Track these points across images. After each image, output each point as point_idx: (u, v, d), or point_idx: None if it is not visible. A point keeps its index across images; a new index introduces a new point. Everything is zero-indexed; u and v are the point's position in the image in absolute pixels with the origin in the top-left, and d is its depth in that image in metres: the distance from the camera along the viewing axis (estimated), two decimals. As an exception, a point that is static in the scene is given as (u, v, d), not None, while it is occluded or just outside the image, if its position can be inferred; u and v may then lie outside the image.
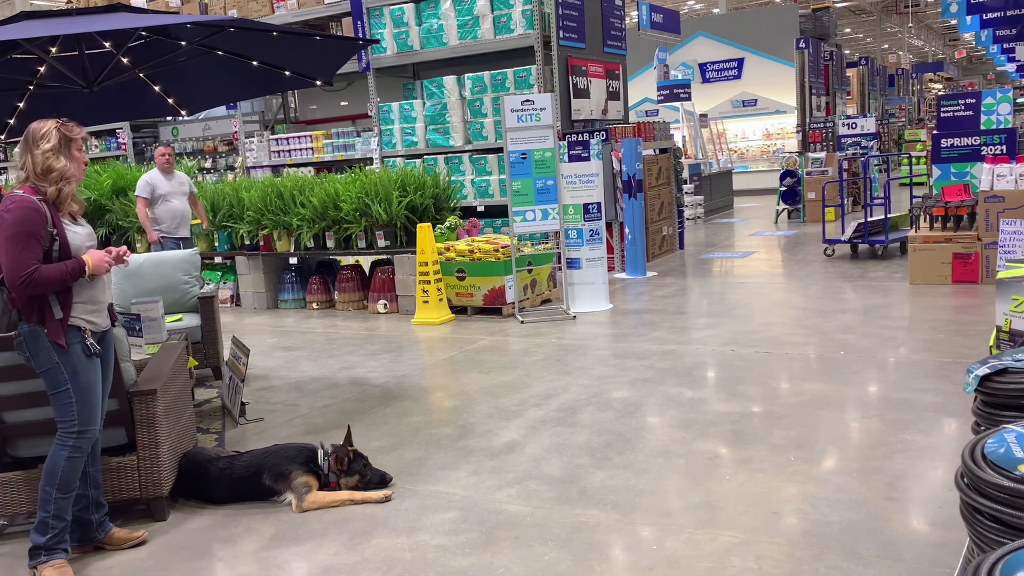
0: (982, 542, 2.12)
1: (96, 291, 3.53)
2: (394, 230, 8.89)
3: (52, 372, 3.40)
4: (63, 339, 3.37)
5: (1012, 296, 3.45)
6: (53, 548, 3.46)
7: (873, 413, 4.79)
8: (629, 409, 5.14)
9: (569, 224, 8.40)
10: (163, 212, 8.54)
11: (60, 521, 3.47)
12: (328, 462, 4.14)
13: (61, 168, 3.40)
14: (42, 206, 3.33)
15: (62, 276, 3.34)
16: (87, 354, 3.45)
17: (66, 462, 3.44)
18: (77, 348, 3.42)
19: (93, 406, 3.50)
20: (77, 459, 3.47)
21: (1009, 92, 10.60)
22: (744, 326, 7.16)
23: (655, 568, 3.23)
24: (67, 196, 3.44)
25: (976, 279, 8.17)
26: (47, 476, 3.45)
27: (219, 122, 14.19)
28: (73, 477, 3.48)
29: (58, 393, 3.43)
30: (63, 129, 3.45)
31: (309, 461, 4.13)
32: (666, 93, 16.96)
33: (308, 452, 4.18)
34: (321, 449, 4.21)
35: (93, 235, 3.60)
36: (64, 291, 3.39)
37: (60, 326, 3.37)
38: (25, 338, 3.38)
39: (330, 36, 7.75)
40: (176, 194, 8.61)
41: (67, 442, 3.45)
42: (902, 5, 33.45)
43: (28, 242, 3.26)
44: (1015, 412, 2.52)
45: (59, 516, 3.46)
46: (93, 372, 3.50)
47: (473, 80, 10.76)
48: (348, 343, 7.68)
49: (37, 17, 4.83)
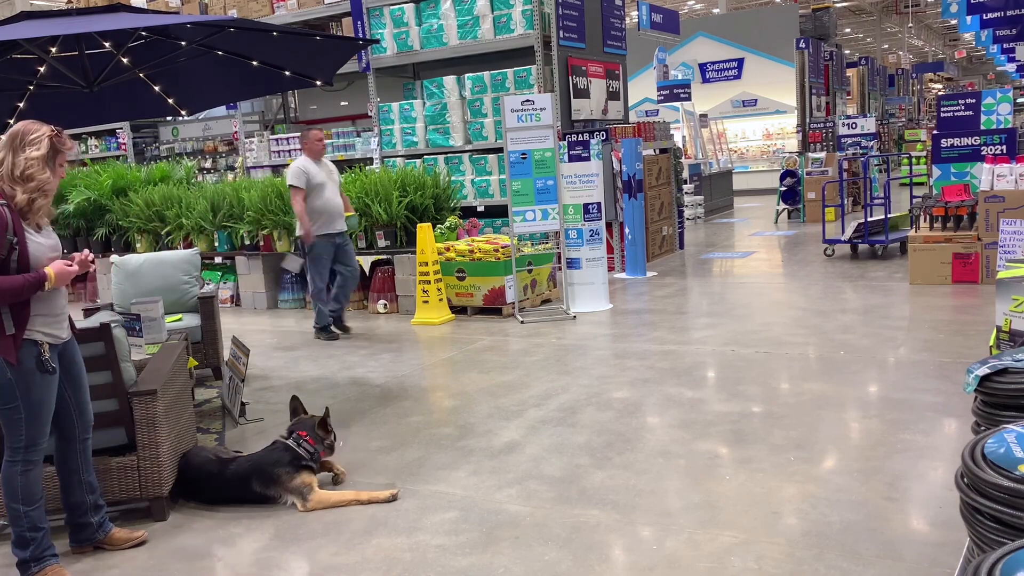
0: (982, 542, 2.12)
1: (56, 302, 3.35)
2: (394, 230, 8.89)
3: (2, 389, 3.22)
4: (14, 356, 3.19)
5: (1012, 296, 3.45)
6: (41, 558, 3.39)
7: (873, 413, 4.79)
8: (629, 409, 5.14)
9: (569, 224, 8.40)
10: (320, 205, 7.45)
11: (37, 531, 3.38)
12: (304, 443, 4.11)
13: (43, 180, 3.23)
14: (4, 212, 3.13)
15: (20, 289, 3.14)
16: (42, 370, 3.27)
17: (22, 476, 3.32)
18: (31, 364, 3.24)
19: (43, 423, 3.35)
20: (31, 471, 3.35)
21: (1009, 92, 10.59)
22: (744, 326, 7.16)
23: (655, 568, 3.23)
24: (39, 208, 3.26)
25: (976, 279, 8.17)
26: (8, 495, 3.33)
27: (219, 122, 14.19)
28: (35, 487, 3.37)
29: (6, 409, 3.25)
30: (56, 140, 3.28)
31: (295, 459, 4.10)
32: (666, 93, 16.97)
33: (291, 454, 4.11)
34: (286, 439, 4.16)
35: (58, 247, 3.39)
36: (19, 305, 3.19)
37: (12, 342, 3.18)
38: None
39: (330, 36, 7.75)
40: (330, 183, 7.58)
41: (16, 457, 3.31)
42: (902, 5, 33.44)
43: None
44: (1015, 412, 2.52)
45: (35, 527, 3.37)
46: (47, 389, 3.32)
47: (473, 80, 10.76)
48: (348, 343, 7.68)
49: (37, 17, 4.83)
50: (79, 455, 3.61)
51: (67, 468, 3.61)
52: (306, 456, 4.10)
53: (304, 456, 4.10)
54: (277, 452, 4.12)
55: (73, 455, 3.59)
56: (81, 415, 3.59)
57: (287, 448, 4.12)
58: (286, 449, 4.12)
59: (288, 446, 4.13)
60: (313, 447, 4.14)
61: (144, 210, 10.23)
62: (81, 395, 3.57)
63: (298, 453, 4.10)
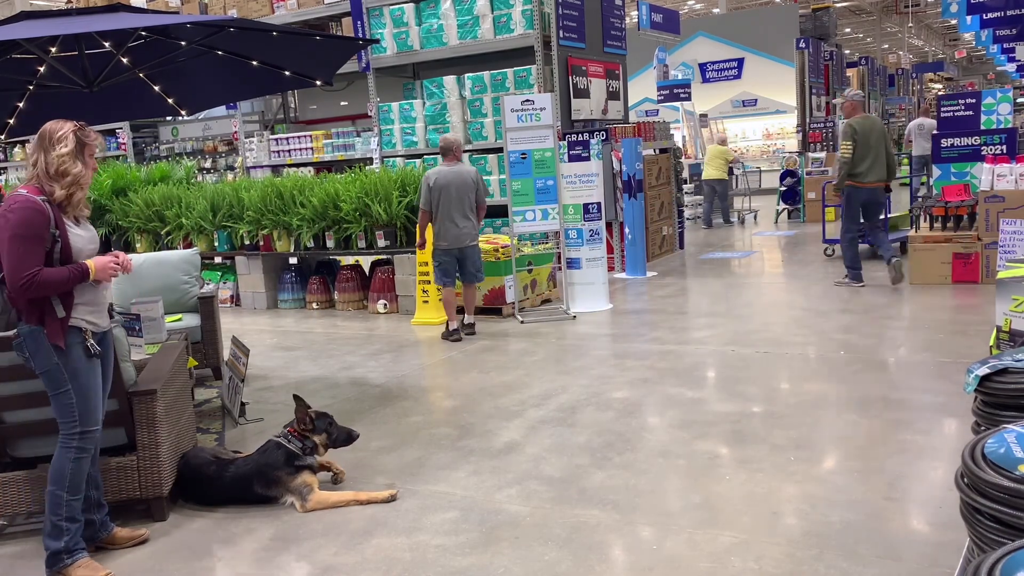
0: (982, 542, 2.12)
1: (99, 292, 3.50)
2: (394, 230, 8.88)
3: (52, 373, 3.36)
4: (63, 340, 3.33)
5: (1012, 296, 3.45)
6: (73, 550, 3.44)
7: (873, 413, 4.79)
8: (629, 409, 5.14)
9: (569, 224, 8.39)
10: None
11: (74, 523, 3.45)
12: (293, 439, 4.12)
13: (76, 173, 3.36)
14: (46, 207, 3.28)
15: (65, 281, 3.30)
16: (87, 355, 3.41)
17: (73, 463, 3.42)
18: (78, 349, 3.38)
19: (94, 407, 3.47)
20: (83, 460, 3.45)
21: (1009, 92, 10.60)
22: (744, 326, 7.16)
23: (655, 568, 3.23)
24: (78, 201, 3.41)
25: (976, 279, 8.16)
26: (56, 480, 3.42)
27: (219, 122, 14.18)
28: (81, 478, 3.46)
29: (58, 394, 3.39)
30: (80, 134, 3.41)
31: (291, 458, 4.09)
32: (666, 93, 16.97)
33: (285, 452, 4.11)
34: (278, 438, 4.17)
35: (96, 239, 3.55)
36: (64, 293, 3.35)
37: (60, 327, 3.33)
38: (24, 338, 3.34)
39: (330, 36, 7.76)
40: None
41: (71, 443, 3.42)
42: (902, 5, 33.43)
43: (31, 244, 3.22)
44: (1015, 412, 2.52)
45: (72, 518, 3.45)
46: (93, 373, 3.46)
47: (473, 80, 10.76)
48: (348, 343, 7.68)
49: (37, 17, 4.83)
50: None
51: None
52: (298, 451, 4.10)
53: (296, 452, 4.09)
54: (274, 452, 4.12)
55: None
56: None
57: (279, 446, 4.12)
58: (279, 447, 4.12)
59: (280, 444, 4.13)
60: (302, 440, 4.14)
61: (144, 210, 10.23)
62: (106, 386, 3.63)
63: (290, 450, 4.09)
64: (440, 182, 7.20)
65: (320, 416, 4.27)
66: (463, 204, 7.25)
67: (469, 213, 7.31)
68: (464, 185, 7.25)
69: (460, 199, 7.23)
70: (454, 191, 7.20)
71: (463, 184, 7.25)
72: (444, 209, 7.23)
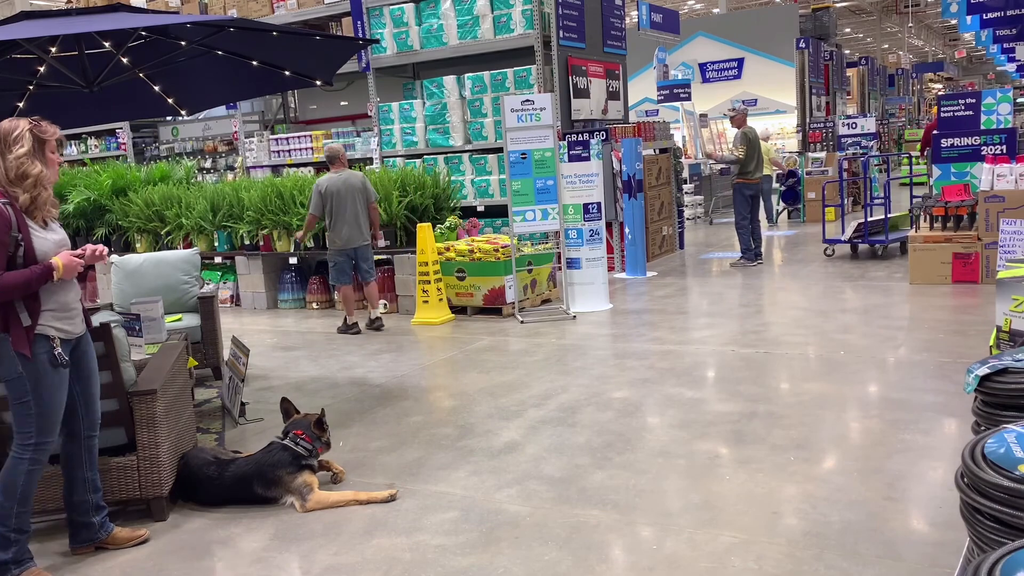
0: (982, 542, 2.12)
1: (67, 296, 3.36)
2: (394, 230, 8.89)
3: (15, 383, 3.24)
4: (28, 349, 3.20)
5: (1012, 296, 3.45)
6: (22, 560, 3.37)
7: (873, 413, 4.79)
8: (629, 409, 5.14)
9: (569, 224, 8.39)
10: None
11: (22, 534, 3.36)
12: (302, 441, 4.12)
13: (37, 174, 3.22)
14: (6, 210, 3.15)
15: (26, 282, 3.15)
16: (53, 364, 3.28)
17: (26, 475, 3.31)
18: (43, 358, 3.25)
19: (54, 419, 3.35)
20: (35, 471, 3.35)
21: (1009, 92, 10.58)
22: (744, 326, 7.16)
23: (655, 568, 3.23)
24: (44, 201, 3.27)
25: (976, 279, 8.16)
26: (5, 491, 3.30)
27: (219, 122, 14.18)
28: (32, 489, 3.36)
29: (19, 404, 3.27)
30: (36, 130, 3.25)
31: (297, 459, 4.10)
32: (666, 93, 16.96)
33: (290, 454, 4.11)
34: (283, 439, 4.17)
35: (66, 241, 3.41)
36: (31, 297, 3.21)
37: (26, 335, 3.20)
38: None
39: (330, 36, 7.76)
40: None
41: (24, 454, 3.30)
42: (902, 5, 33.45)
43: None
44: (1015, 412, 2.52)
45: (20, 529, 3.35)
46: (58, 384, 3.33)
47: (473, 80, 10.76)
48: (348, 343, 7.68)
49: (37, 17, 4.83)
50: (84, 453, 3.60)
51: (72, 465, 3.60)
52: (305, 454, 4.10)
53: (303, 454, 4.10)
54: (277, 453, 4.12)
55: (78, 452, 3.59)
56: (88, 412, 3.59)
57: (285, 448, 4.12)
58: (284, 449, 4.12)
59: (286, 446, 4.13)
60: (311, 444, 4.15)
61: (144, 210, 10.23)
62: (91, 392, 3.57)
63: (297, 452, 4.10)
64: (331, 189, 7.73)
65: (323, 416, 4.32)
66: (355, 207, 7.77)
67: (360, 215, 7.82)
68: (353, 189, 7.77)
69: (351, 202, 7.75)
70: (345, 196, 7.72)
71: (351, 189, 7.76)
72: (337, 213, 7.75)
